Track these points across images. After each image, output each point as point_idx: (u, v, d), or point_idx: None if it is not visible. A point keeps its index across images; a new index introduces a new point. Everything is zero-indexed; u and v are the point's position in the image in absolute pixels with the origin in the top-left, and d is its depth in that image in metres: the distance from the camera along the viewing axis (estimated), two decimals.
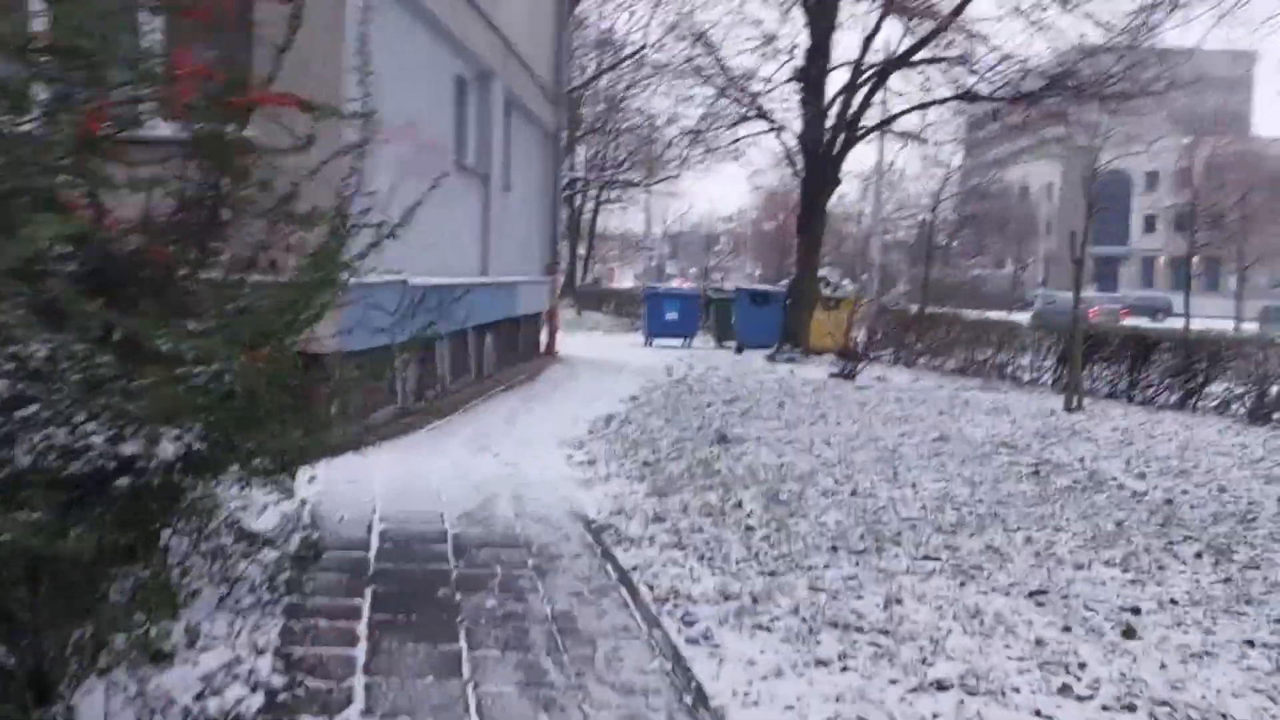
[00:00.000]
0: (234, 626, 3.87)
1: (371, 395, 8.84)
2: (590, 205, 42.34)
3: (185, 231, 3.86)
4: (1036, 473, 8.09)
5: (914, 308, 23.75)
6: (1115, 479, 8.01)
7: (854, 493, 7.08)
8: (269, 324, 3.74)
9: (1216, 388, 12.70)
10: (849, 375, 15.40)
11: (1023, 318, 33.27)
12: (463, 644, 3.97)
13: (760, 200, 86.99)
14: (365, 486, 6.67)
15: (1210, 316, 44.69)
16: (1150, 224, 75.74)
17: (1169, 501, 7.22)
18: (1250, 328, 43.88)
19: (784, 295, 19.81)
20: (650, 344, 21.99)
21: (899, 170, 58.76)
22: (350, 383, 7.76)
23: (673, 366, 16.41)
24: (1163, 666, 4.06)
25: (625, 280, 70.93)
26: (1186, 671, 4.01)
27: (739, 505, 6.54)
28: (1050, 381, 15.13)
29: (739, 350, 19.96)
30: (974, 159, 71.15)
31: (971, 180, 70.81)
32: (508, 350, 14.68)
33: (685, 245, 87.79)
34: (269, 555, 4.48)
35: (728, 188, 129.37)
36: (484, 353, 13.23)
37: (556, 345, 17.87)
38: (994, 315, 20.54)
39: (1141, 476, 8.14)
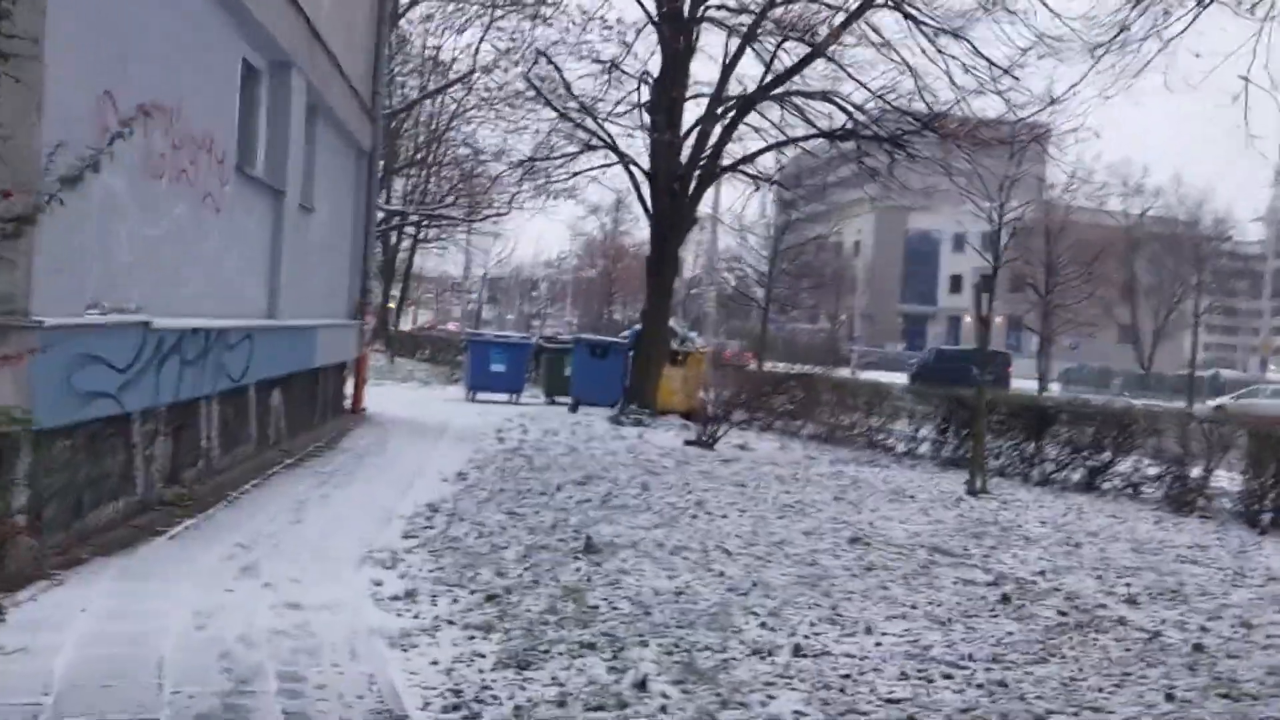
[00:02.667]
0: None
1: (93, 485, 6.13)
2: (406, 243, 39.39)
3: None
4: (1006, 599, 6.18)
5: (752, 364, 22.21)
6: (1104, 607, 6.19)
7: (797, 650, 4.92)
8: None
9: (1121, 465, 11.36)
10: (708, 443, 13.40)
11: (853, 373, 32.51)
12: None
13: (581, 247, 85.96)
14: (39, 662, 4.03)
15: (1018, 377, 45.83)
16: (957, 284, 78.48)
17: (1198, 648, 5.41)
18: (1056, 389, 45.23)
19: (626, 347, 17.77)
20: (473, 398, 19.47)
21: (734, 214, 58.40)
22: (44, 474, 5.22)
23: (503, 429, 13.99)
24: None
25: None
26: None
27: (642, 686, 4.26)
28: (929, 453, 13.58)
29: (574, 408, 17.72)
30: (786, 214, 72.08)
31: (785, 234, 71.66)
32: (302, 409, 11.93)
33: (504, 290, 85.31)
34: None
35: (549, 232, 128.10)
36: (270, 415, 10.48)
37: (364, 401, 15.15)
38: (843, 372, 19.13)
39: (1132, 603, 6.36)
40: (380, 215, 24.29)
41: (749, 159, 16.44)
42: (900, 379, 25.54)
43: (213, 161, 7.98)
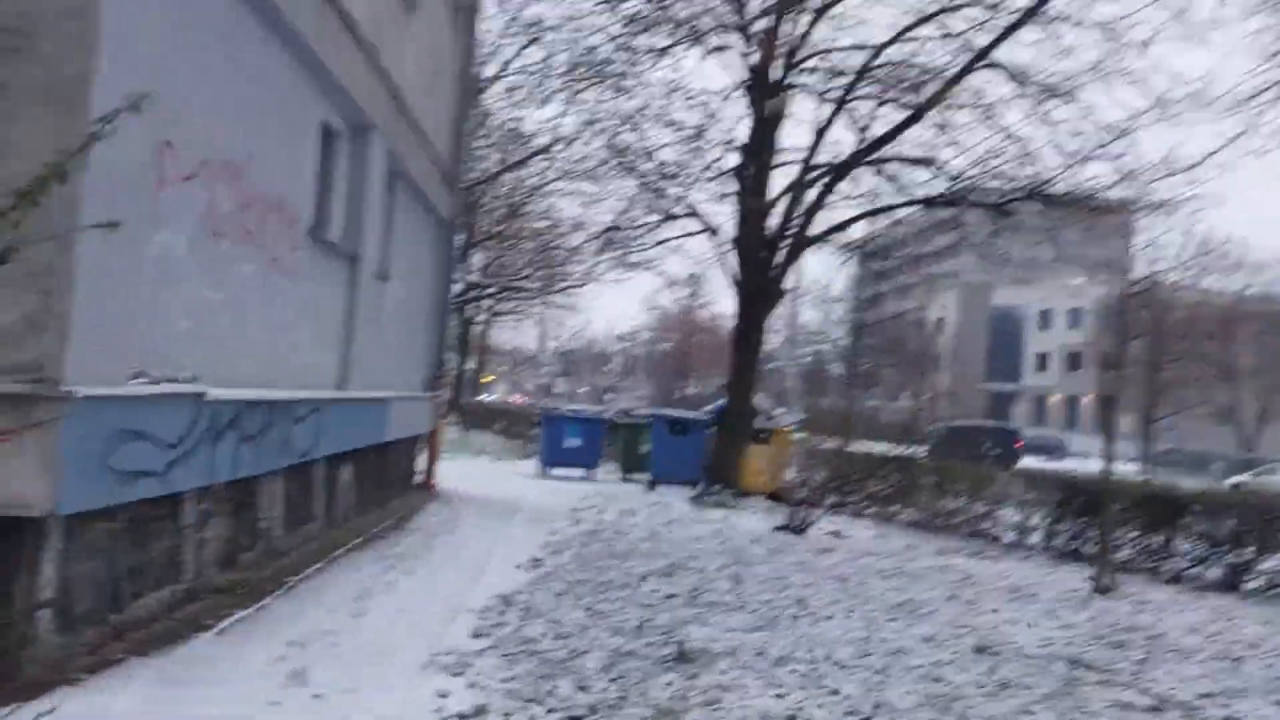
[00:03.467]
0: None
1: (135, 573, 5.55)
2: (482, 316, 39.32)
3: None
4: None
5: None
6: None
7: None
8: None
9: (1267, 563, 10.20)
10: (800, 529, 12.50)
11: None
12: None
13: (656, 320, 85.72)
14: None
15: (1077, 456, 43.42)
16: (1043, 362, 76.28)
17: None
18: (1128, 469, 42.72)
19: (707, 423, 17.00)
20: (547, 474, 18.83)
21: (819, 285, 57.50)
22: (76, 563, 4.69)
23: (578, 509, 13.28)
24: None
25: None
26: None
27: None
28: (1040, 543, 12.49)
29: (651, 486, 16.96)
30: (874, 285, 70.82)
31: (865, 309, 70.42)
32: (373, 486, 11.37)
33: (577, 364, 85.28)
34: None
35: (624, 306, 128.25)
36: (338, 491, 9.92)
37: (436, 476, 14.58)
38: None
39: None
40: (458, 287, 24.08)
41: (841, 227, 15.74)
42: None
43: (284, 224, 7.53)
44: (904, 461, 15.03)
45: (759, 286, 14.78)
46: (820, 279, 64.53)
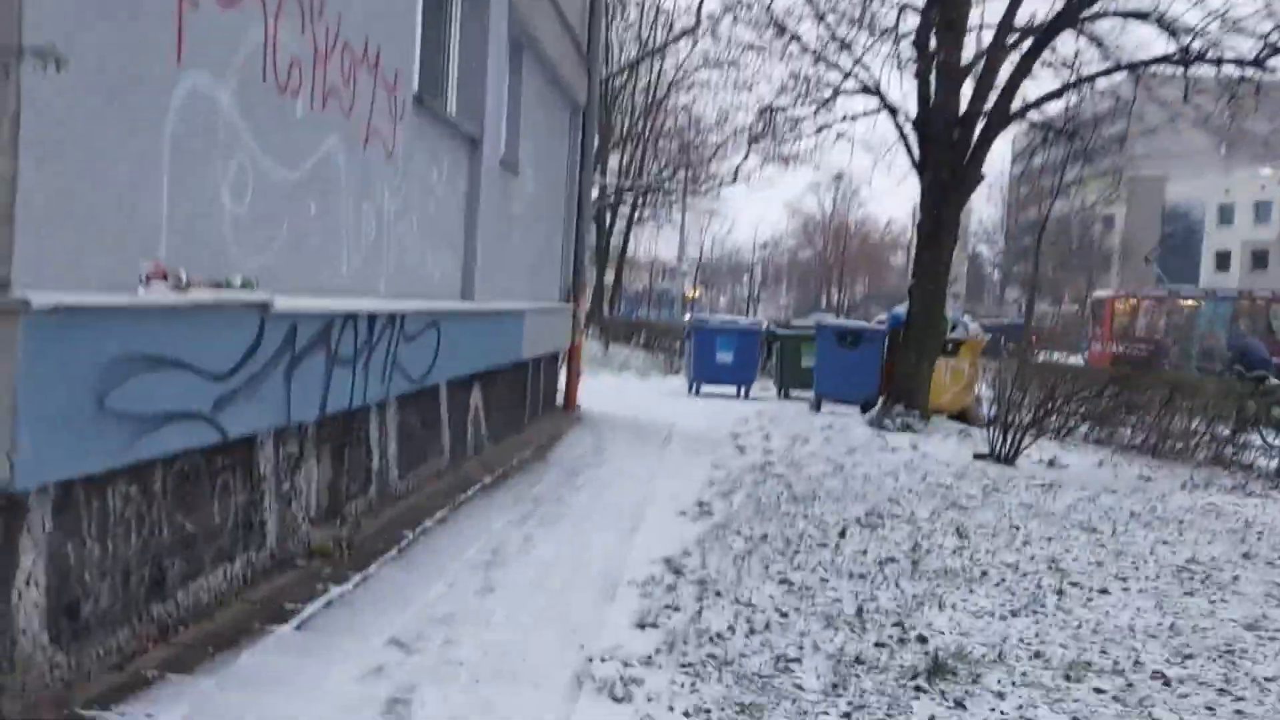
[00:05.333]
0: None
1: (185, 546, 4.10)
2: (620, 225, 37.63)
3: None
4: None
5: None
6: None
7: None
8: None
9: None
10: (1008, 458, 10.50)
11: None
12: None
13: (799, 226, 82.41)
14: None
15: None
16: (1223, 261, 70.28)
17: None
18: None
19: (883, 335, 14.97)
20: (697, 391, 17.21)
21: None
22: (79, 550, 3.24)
23: (740, 435, 11.60)
24: None
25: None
26: None
27: None
28: None
29: (817, 406, 15.11)
30: (1030, 182, 65.66)
31: (1025, 210, 65.39)
32: (508, 411, 9.90)
33: (716, 274, 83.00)
34: None
35: (767, 212, 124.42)
36: (468, 420, 8.46)
37: (578, 397, 13.08)
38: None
39: None
40: (594, 191, 22.39)
41: (1051, 97, 13.23)
42: None
43: (382, 88, 5.89)
44: (1126, 376, 12.73)
45: (951, 173, 12.52)
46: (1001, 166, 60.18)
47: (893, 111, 13.34)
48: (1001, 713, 3.75)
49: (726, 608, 4.80)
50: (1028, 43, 12.58)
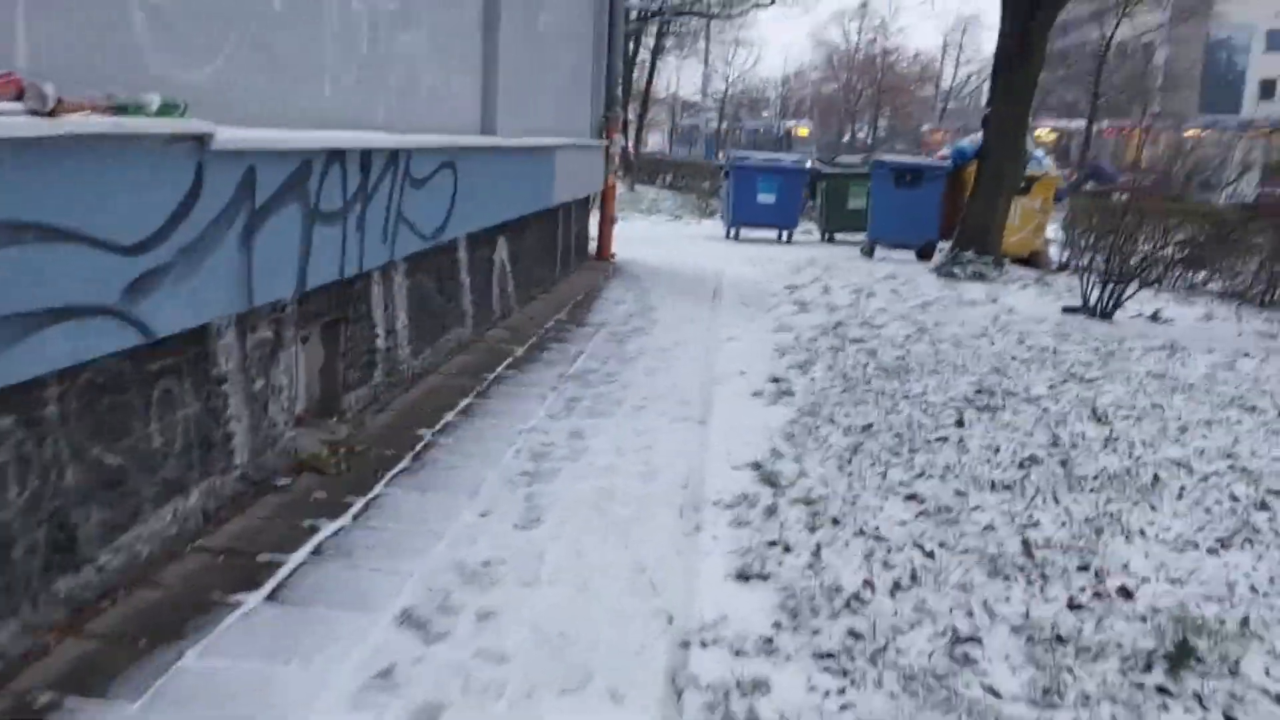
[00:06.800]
0: None
1: (109, 488, 2.86)
2: (643, 56, 35.22)
3: None
4: None
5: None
6: None
7: None
8: None
9: None
10: (1105, 312, 9.18)
11: None
12: None
13: (821, 60, 78.42)
14: None
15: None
16: (1269, 90, 66.71)
17: None
18: None
19: (944, 172, 13.42)
20: (735, 235, 15.80)
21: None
22: None
23: (796, 286, 10.30)
24: None
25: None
26: None
27: None
28: None
29: (869, 251, 13.71)
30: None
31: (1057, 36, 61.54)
32: (538, 266, 8.60)
33: (739, 109, 79.68)
34: None
35: (795, 42, 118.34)
36: (493, 278, 7.18)
37: (612, 245, 11.74)
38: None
39: None
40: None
41: None
42: None
43: None
44: (1215, 215, 11.22)
45: None
46: None
47: None
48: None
49: (850, 543, 3.61)
50: None
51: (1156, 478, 4.54)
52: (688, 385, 5.92)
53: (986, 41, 62.54)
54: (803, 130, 48.07)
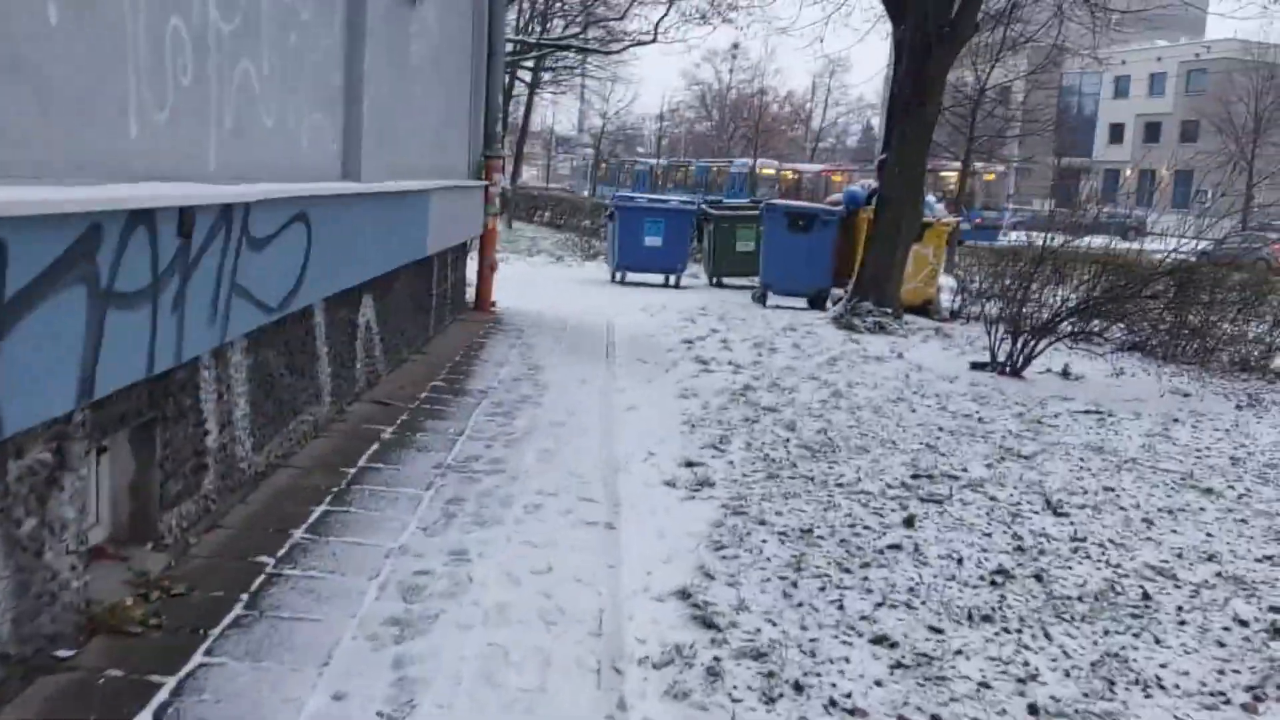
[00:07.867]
0: None
1: None
2: (520, 89, 34.41)
3: None
4: None
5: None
6: None
7: None
8: None
9: None
10: (1013, 369, 8.73)
11: None
12: None
13: (695, 98, 78.96)
14: None
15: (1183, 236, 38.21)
16: (1117, 133, 70.25)
17: None
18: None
19: (837, 218, 12.96)
20: (621, 280, 15.09)
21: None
22: None
23: (692, 339, 9.61)
24: None
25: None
26: None
27: None
28: None
29: (761, 299, 13.14)
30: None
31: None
32: (410, 323, 7.64)
33: (612, 147, 79.52)
34: None
35: (671, 80, 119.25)
36: (356, 344, 6.19)
37: (493, 293, 10.83)
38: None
39: None
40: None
41: None
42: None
43: None
44: (1117, 261, 11.00)
45: (935, 25, 10.33)
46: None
47: None
48: None
49: None
50: None
51: (1146, 595, 3.89)
52: (589, 473, 5.06)
53: (853, 85, 63.94)
54: (766, 169, 45.04)
